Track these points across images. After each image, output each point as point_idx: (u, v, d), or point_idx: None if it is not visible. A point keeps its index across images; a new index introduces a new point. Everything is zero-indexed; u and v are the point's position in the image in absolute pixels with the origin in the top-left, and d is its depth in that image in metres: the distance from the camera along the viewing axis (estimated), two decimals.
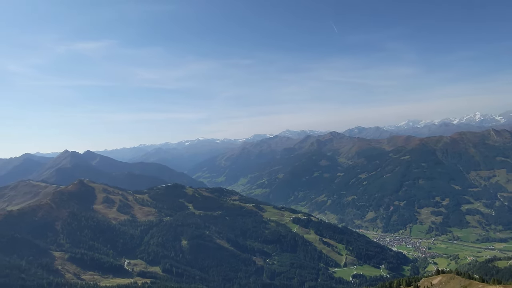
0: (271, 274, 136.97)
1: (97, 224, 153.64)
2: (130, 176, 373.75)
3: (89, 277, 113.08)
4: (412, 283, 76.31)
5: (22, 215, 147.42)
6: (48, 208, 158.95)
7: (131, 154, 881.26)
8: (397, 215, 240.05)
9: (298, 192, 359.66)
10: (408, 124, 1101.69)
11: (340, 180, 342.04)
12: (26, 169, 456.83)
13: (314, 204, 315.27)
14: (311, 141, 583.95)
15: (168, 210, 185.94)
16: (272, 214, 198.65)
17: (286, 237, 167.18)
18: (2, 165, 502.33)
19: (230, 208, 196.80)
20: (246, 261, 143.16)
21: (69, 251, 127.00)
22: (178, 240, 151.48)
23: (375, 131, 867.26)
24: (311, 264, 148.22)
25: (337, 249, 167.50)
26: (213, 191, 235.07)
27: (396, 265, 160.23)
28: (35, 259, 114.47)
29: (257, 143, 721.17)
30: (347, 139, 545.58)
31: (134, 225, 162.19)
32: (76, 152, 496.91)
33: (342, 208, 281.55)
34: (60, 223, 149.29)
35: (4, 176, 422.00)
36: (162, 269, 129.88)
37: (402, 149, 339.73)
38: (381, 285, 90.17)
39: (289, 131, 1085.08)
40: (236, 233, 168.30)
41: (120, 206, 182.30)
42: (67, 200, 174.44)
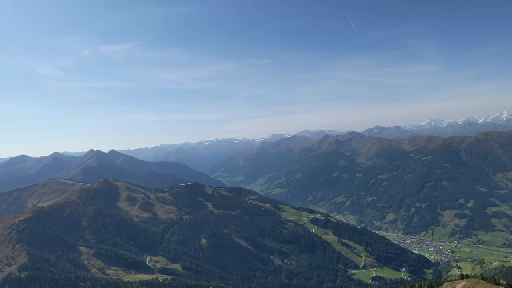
0: (289, 274, 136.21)
1: (120, 221, 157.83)
2: (151, 175, 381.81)
3: (113, 272, 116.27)
4: (434, 287, 74.00)
5: (52, 212, 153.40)
6: (75, 205, 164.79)
7: (153, 154, 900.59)
8: (419, 217, 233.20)
9: (316, 193, 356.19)
10: (430, 124, 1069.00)
11: (359, 180, 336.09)
12: (55, 167, 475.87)
13: (332, 204, 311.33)
14: (329, 141, 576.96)
15: (188, 209, 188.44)
16: (290, 214, 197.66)
17: (304, 238, 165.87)
18: (33, 164, 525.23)
19: (249, 207, 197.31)
20: (264, 261, 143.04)
21: (95, 246, 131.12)
22: (198, 238, 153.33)
23: (396, 131, 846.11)
24: (329, 265, 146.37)
25: (356, 250, 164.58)
26: (232, 191, 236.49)
27: (417, 268, 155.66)
28: (63, 253, 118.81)
29: (275, 143, 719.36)
30: (367, 139, 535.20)
31: (156, 223, 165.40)
32: (101, 152, 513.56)
33: (361, 209, 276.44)
34: (86, 219, 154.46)
35: (35, 174, 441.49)
36: (182, 266, 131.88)
37: (423, 149, 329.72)
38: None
39: (307, 131, 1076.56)
40: (254, 232, 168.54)
41: (142, 204, 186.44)
42: (93, 197, 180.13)
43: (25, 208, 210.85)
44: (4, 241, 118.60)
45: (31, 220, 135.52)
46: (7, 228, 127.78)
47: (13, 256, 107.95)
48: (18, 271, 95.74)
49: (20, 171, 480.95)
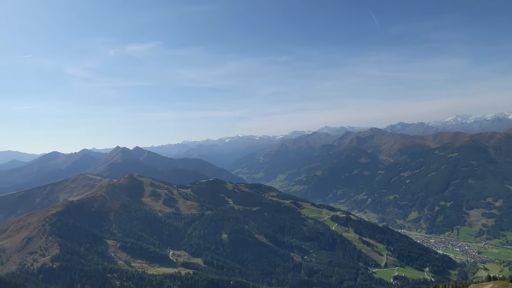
0: (309, 271, 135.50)
1: (145, 216, 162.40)
2: (174, 171, 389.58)
3: (138, 265, 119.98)
4: None
5: (81, 206, 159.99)
6: (103, 199, 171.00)
7: (175, 150, 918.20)
8: (443, 216, 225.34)
9: (336, 190, 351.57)
10: (456, 120, 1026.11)
11: (381, 178, 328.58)
12: (84, 163, 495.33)
13: (353, 202, 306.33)
14: (350, 138, 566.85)
15: (209, 204, 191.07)
16: (310, 211, 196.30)
17: (324, 235, 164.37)
18: (64, 160, 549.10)
19: (269, 204, 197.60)
20: (284, 257, 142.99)
21: (121, 240, 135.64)
22: (219, 233, 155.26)
23: (419, 127, 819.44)
24: (350, 263, 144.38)
25: (378, 249, 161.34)
26: (252, 187, 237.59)
27: (441, 269, 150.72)
28: (92, 246, 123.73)
29: (295, 140, 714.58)
30: (389, 136, 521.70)
31: (178, 218, 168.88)
32: (127, 148, 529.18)
33: (383, 207, 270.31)
34: (113, 213, 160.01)
35: (65, 170, 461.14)
36: (203, 260, 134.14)
37: (449, 146, 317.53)
38: None
39: (327, 127, 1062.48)
40: (274, 228, 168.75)
41: (166, 200, 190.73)
42: (119, 192, 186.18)
43: (57, 202, 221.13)
44: (38, 233, 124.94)
45: (62, 214, 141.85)
46: (41, 221, 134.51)
47: (46, 247, 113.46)
48: (51, 262, 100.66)
49: (52, 167, 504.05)
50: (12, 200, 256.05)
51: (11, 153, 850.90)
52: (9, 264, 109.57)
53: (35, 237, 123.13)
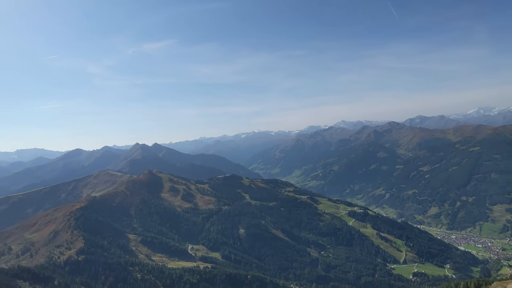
0: (326, 267, 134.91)
1: (164, 210, 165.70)
2: (192, 167, 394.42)
3: (158, 259, 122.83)
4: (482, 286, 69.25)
5: (103, 201, 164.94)
6: (124, 195, 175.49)
7: (192, 147, 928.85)
8: (465, 211, 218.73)
9: (354, 185, 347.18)
10: (478, 112, 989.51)
11: (399, 172, 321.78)
12: (105, 160, 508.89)
13: (371, 197, 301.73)
14: (368, 132, 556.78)
15: (227, 200, 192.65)
16: (326, 206, 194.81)
17: (342, 230, 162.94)
18: (86, 156, 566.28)
19: (285, 199, 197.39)
20: (301, 252, 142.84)
21: (141, 234, 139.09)
22: (236, 228, 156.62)
23: (439, 120, 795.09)
24: (367, 259, 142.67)
25: (396, 245, 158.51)
26: (268, 182, 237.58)
27: (463, 266, 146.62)
28: (114, 240, 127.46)
29: (311, 135, 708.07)
30: (408, 129, 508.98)
31: (196, 213, 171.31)
32: (146, 145, 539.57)
33: (402, 202, 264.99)
34: (134, 208, 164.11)
35: (88, 166, 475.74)
36: (221, 255, 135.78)
37: (471, 140, 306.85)
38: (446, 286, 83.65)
39: (344, 122, 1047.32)
40: (290, 224, 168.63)
41: (184, 195, 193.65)
42: (139, 188, 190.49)
43: (81, 198, 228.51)
44: (64, 227, 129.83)
45: (86, 209, 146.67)
46: (66, 216, 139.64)
47: (71, 240, 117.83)
48: (76, 255, 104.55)
49: (76, 164, 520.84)
50: (39, 196, 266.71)
51: (37, 150, 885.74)
52: (38, 256, 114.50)
53: (61, 231, 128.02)
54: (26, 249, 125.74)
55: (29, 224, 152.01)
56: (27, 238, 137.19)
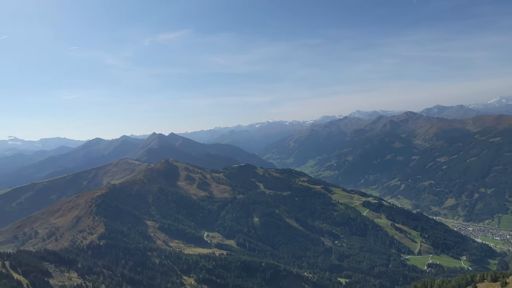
0: (339, 256, 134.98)
1: (180, 198, 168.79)
2: (207, 156, 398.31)
3: (175, 245, 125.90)
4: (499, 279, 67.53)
5: (123, 188, 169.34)
6: (142, 183, 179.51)
7: (208, 136, 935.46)
8: (483, 203, 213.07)
9: (368, 175, 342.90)
10: (500, 102, 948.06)
11: (415, 163, 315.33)
12: (123, 149, 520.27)
13: (385, 188, 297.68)
14: (383, 122, 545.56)
15: (241, 189, 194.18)
16: (341, 196, 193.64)
17: (356, 220, 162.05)
18: (106, 145, 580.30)
19: (299, 189, 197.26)
20: (315, 241, 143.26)
21: (159, 221, 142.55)
22: (250, 216, 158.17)
23: (458, 110, 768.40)
24: (381, 249, 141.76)
25: (411, 235, 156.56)
26: (282, 172, 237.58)
27: (479, 258, 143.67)
28: (133, 226, 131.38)
29: (325, 125, 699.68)
30: (425, 119, 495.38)
31: (212, 201, 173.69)
32: (162, 135, 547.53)
33: (417, 193, 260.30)
34: (151, 196, 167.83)
35: (107, 155, 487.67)
36: (236, 242, 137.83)
37: (491, 130, 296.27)
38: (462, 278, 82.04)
39: (359, 111, 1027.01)
40: (304, 213, 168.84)
41: (200, 184, 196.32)
42: (156, 176, 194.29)
43: (101, 185, 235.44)
44: (86, 213, 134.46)
45: (106, 196, 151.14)
46: (88, 202, 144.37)
47: (93, 226, 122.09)
48: (98, 239, 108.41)
49: (96, 152, 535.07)
50: (63, 183, 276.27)
51: (60, 139, 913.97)
52: (62, 240, 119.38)
53: (84, 216, 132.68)
54: (51, 233, 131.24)
55: (54, 209, 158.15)
56: (52, 223, 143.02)
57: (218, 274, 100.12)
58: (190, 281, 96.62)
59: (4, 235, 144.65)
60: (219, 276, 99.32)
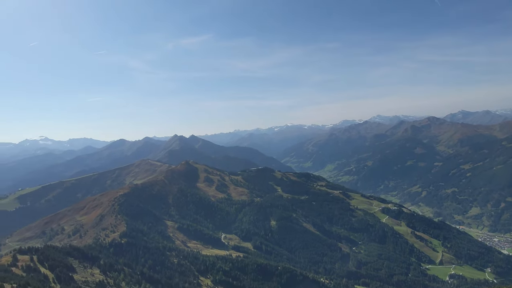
0: (357, 263, 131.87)
1: (199, 200, 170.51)
2: (226, 159, 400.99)
3: (193, 245, 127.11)
4: None
5: (144, 188, 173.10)
6: (162, 184, 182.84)
7: (227, 139, 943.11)
8: (510, 213, 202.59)
9: (388, 181, 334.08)
10: None
11: (438, 170, 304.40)
12: (146, 150, 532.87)
13: (406, 194, 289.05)
14: (404, 127, 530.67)
15: (259, 192, 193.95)
16: (359, 202, 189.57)
17: (374, 227, 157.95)
18: (129, 146, 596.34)
19: (317, 193, 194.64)
20: (332, 247, 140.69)
21: (178, 221, 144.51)
22: (267, 220, 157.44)
23: (484, 115, 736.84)
24: (401, 258, 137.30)
25: (432, 244, 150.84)
26: (300, 176, 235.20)
27: (505, 270, 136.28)
28: (153, 225, 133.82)
29: (345, 129, 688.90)
30: (448, 125, 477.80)
31: (229, 203, 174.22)
32: (183, 137, 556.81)
33: (439, 201, 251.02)
34: (171, 197, 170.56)
35: (130, 156, 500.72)
36: (253, 245, 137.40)
37: None
38: None
39: (380, 116, 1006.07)
40: (322, 218, 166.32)
41: (218, 185, 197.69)
42: (177, 177, 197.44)
43: (124, 185, 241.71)
44: (109, 212, 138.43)
45: (128, 195, 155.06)
46: (111, 201, 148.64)
47: (115, 224, 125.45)
48: (119, 237, 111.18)
49: (119, 153, 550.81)
50: (88, 181, 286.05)
51: (86, 140, 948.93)
52: (86, 237, 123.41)
53: (107, 215, 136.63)
54: (76, 230, 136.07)
55: (79, 207, 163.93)
56: (77, 220, 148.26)
57: (234, 276, 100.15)
58: (207, 282, 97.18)
59: (33, 231, 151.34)
60: (235, 278, 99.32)
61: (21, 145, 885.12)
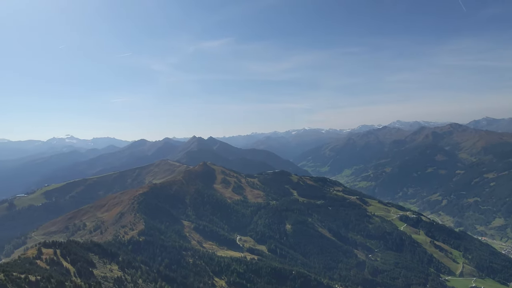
0: (373, 270, 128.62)
1: (216, 201, 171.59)
2: (243, 161, 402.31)
3: (208, 246, 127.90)
4: None
5: (163, 188, 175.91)
6: (180, 184, 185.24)
7: (244, 141, 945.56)
8: None
9: (407, 188, 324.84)
10: None
11: (459, 178, 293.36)
12: (165, 150, 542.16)
13: (425, 202, 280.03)
14: (425, 133, 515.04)
15: (275, 195, 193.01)
16: (376, 209, 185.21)
17: (392, 235, 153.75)
18: (150, 146, 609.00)
19: (333, 198, 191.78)
20: (347, 253, 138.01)
21: (194, 222, 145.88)
22: (283, 223, 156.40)
23: (510, 123, 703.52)
24: (418, 267, 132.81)
25: (452, 255, 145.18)
26: (317, 180, 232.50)
27: None
28: (170, 225, 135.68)
29: (363, 134, 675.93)
30: (471, 132, 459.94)
31: (245, 205, 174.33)
32: (202, 138, 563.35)
33: (461, 210, 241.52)
34: (189, 197, 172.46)
35: (151, 156, 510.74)
36: (268, 248, 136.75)
37: None
38: None
39: (399, 121, 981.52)
40: (338, 223, 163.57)
41: (235, 187, 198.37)
42: (194, 178, 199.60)
43: (144, 184, 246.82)
44: (129, 210, 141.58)
45: (147, 194, 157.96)
46: (131, 199, 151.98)
47: (134, 222, 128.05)
48: (138, 235, 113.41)
49: (140, 153, 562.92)
50: (110, 179, 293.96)
51: (109, 139, 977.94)
52: (107, 234, 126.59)
53: (126, 213, 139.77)
54: (97, 227, 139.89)
55: (101, 204, 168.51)
56: (98, 216, 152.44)
57: (248, 278, 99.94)
58: (221, 283, 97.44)
59: (57, 225, 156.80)
60: (249, 281, 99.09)
61: (49, 143, 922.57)
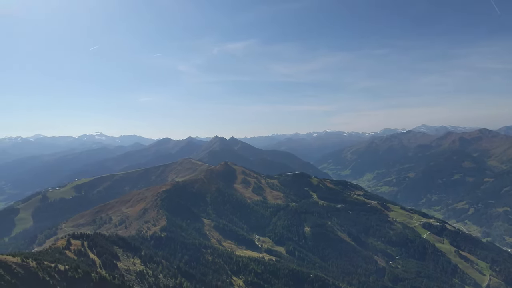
0: (393, 278, 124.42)
1: (236, 201, 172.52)
2: (263, 162, 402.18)
3: (227, 245, 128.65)
4: None
5: (185, 186, 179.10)
6: (202, 182, 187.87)
7: (265, 142, 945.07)
8: None
9: (431, 195, 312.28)
10: None
11: (488, 186, 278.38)
12: (188, 149, 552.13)
13: (451, 210, 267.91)
14: (452, 139, 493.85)
15: (294, 197, 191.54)
16: (398, 215, 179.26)
17: (414, 242, 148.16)
18: (174, 145, 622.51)
19: (354, 202, 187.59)
20: (367, 259, 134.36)
21: (215, 220, 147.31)
22: (302, 226, 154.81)
23: None
24: (442, 277, 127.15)
25: (478, 266, 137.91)
26: (337, 184, 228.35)
27: None
28: (191, 222, 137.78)
29: (386, 138, 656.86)
30: (502, 138, 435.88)
31: (265, 206, 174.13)
32: (224, 138, 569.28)
33: (489, 220, 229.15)
34: (209, 196, 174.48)
35: (175, 154, 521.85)
36: (286, 250, 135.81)
37: None
38: None
39: (425, 126, 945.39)
40: (358, 228, 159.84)
41: (254, 188, 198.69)
42: (215, 177, 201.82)
43: (167, 181, 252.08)
44: (152, 206, 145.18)
45: (170, 191, 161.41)
46: (154, 196, 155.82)
47: (157, 218, 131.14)
48: (160, 231, 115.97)
49: (164, 151, 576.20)
50: (135, 176, 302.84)
51: (136, 137, 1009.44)
52: (130, 228, 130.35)
53: (149, 209, 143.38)
54: (122, 221, 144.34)
55: (126, 200, 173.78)
56: (123, 211, 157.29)
57: (266, 279, 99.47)
58: (239, 282, 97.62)
59: (85, 218, 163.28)
60: (266, 281, 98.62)
61: (80, 139, 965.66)
